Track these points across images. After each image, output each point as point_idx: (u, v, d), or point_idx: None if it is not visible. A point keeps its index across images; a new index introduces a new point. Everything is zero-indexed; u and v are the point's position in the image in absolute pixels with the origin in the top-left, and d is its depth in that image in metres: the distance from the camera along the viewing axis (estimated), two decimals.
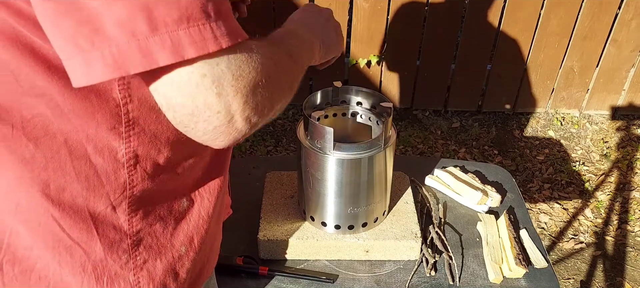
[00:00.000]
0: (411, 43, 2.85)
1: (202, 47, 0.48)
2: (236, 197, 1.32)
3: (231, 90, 0.51)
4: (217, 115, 0.52)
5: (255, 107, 0.55)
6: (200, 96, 0.50)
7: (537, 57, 2.91)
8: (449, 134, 2.96)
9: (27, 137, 0.57)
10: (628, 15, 2.77)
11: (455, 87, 3.02)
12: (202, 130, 0.54)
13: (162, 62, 0.47)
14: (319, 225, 1.14)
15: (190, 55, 0.48)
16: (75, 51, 0.46)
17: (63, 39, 0.46)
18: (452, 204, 1.31)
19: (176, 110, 0.52)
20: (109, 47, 0.46)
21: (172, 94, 0.51)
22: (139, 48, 0.46)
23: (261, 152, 2.74)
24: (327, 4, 2.64)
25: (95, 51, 0.46)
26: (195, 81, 0.49)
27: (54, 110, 0.56)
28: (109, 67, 0.46)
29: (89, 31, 0.46)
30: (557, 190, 2.62)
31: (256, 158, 1.81)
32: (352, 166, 1.03)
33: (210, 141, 0.56)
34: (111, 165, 0.62)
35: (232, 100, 0.52)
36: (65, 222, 0.62)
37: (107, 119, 0.59)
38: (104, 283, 0.66)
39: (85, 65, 0.46)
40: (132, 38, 0.46)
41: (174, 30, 0.47)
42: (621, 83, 3.03)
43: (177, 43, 0.47)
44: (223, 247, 1.17)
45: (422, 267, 1.13)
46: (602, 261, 2.27)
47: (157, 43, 0.46)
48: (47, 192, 0.60)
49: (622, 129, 3.04)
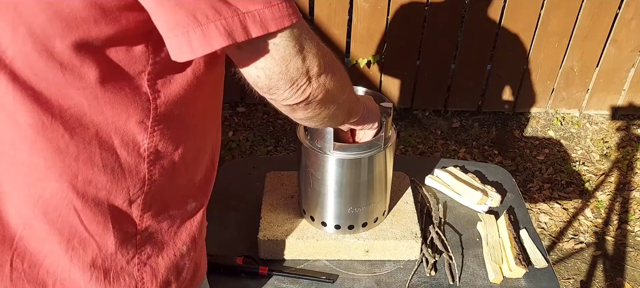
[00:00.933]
0: (411, 43, 2.85)
1: (281, 22, 0.57)
2: (237, 197, 1.32)
3: (311, 54, 0.62)
4: (302, 77, 0.62)
5: (325, 70, 0.65)
6: (292, 62, 0.60)
7: (537, 57, 2.91)
8: (449, 134, 2.96)
9: (64, 127, 0.60)
10: (628, 15, 2.77)
11: (455, 87, 3.02)
12: (289, 91, 0.63)
13: (254, 34, 0.56)
14: (319, 225, 1.14)
15: (273, 29, 0.56)
16: (194, 24, 0.54)
17: (182, 14, 0.53)
18: (452, 204, 1.31)
19: (272, 78, 0.61)
20: (220, 21, 0.54)
21: (271, 65, 0.60)
22: (240, 22, 0.55)
23: (261, 152, 2.74)
24: (327, 4, 2.65)
25: (210, 23, 0.54)
26: (289, 50, 0.59)
27: (90, 101, 0.59)
28: (222, 37, 0.54)
29: (206, 6, 0.53)
30: (557, 190, 2.62)
31: (256, 158, 1.81)
32: (352, 166, 1.03)
33: (289, 99, 0.65)
34: (134, 159, 0.65)
35: (311, 63, 0.63)
36: (85, 215, 0.64)
37: (138, 111, 0.62)
38: (111, 278, 0.68)
39: (203, 35, 0.54)
40: (235, 14, 0.55)
41: (261, 10, 0.56)
42: (621, 83, 3.03)
43: (264, 19, 0.56)
44: (223, 247, 1.17)
45: (422, 267, 1.13)
46: (602, 261, 2.27)
47: (250, 19, 0.55)
48: (75, 182, 0.62)
49: (622, 129, 3.04)
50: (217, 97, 0.78)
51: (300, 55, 0.61)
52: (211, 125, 0.78)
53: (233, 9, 0.54)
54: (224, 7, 0.54)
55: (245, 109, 3.05)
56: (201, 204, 0.79)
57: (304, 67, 0.62)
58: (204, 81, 0.69)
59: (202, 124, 0.74)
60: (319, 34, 3.21)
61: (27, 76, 0.57)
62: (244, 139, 2.83)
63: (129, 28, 0.57)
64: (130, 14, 0.56)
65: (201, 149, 0.75)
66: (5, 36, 0.55)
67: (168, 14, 0.54)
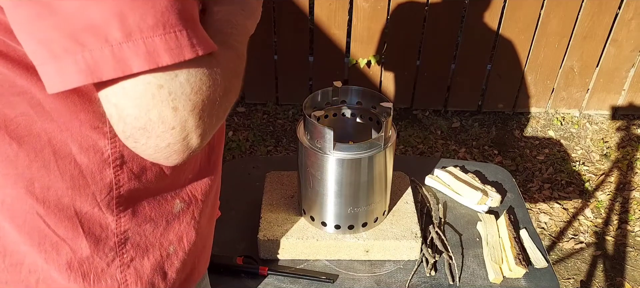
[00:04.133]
0: (411, 43, 2.85)
1: (178, 55, 0.46)
2: (236, 197, 1.32)
3: (189, 105, 0.48)
4: (171, 132, 0.49)
5: (211, 123, 0.52)
6: (154, 109, 0.47)
7: (537, 57, 2.91)
8: (449, 134, 2.96)
9: (10, 136, 0.57)
10: (628, 15, 2.77)
11: (455, 87, 3.02)
12: (154, 146, 0.51)
13: (136, 69, 0.45)
14: (319, 225, 1.14)
15: (166, 63, 0.46)
16: (48, 57, 0.45)
17: (36, 44, 0.45)
18: (452, 204, 1.31)
19: (127, 123, 0.49)
20: (82, 53, 0.44)
21: (125, 104, 0.48)
22: (113, 54, 0.45)
23: (261, 152, 2.74)
24: (327, 4, 2.65)
25: (68, 57, 0.45)
26: (151, 92, 0.47)
27: (36, 109, 0.56)
28: (82, 73, 0.45)
29: (62, 36, 0.44)
30: (557, 190, 2.62)
31: (256, 159, 1.81)
32: (352, 166, 1.03)
33: (163, 159, 0.53)
34: (97, 165, 0.61)
35: (188, 116, 0.49)
36: (51, 220, 0.62)
37: (90, 118, 0.58)
38: (91, 281, 0.66)
39: (58, 71, 0.45)
40: (105, 44, 0.44)
41: (149, 37, 0.45)
42: (621, 83, 3.03)
43: (152, 50, 0.45)
44: (223, 247, 1.17)
45: (422, 267, 1.13)
46: (602, 261, 2.27)
47: (131, 49, 0.45)
48: (32, 189, 0.60)
49: (622, 129, 3.04)
50: None
51: (168, 103, 0.48)
52: None
53: (102, 38, 0.45)
54: (88, 37, 0.45)
55: (245, 109, 3.05)
56: (189, 204, 0.76)
57: (174, 120, 0.49)
58: None
59: None
60: (319, 34, 3.19)
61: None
62: (244, 139, 2.83)
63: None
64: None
65: None
66: None
67: (25, 38, 0.46)
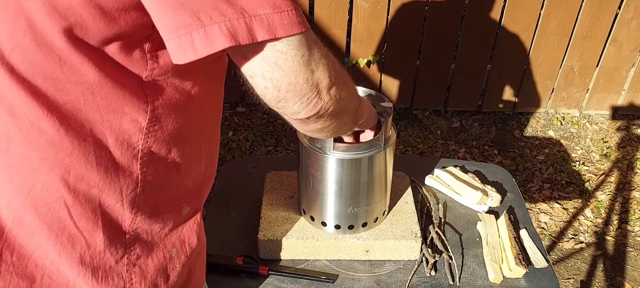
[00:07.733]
0: (411, 43, 2.85)
1: (290, 29, 0.56)
2: (236, 197, 1.32)
3: (321, 66, 0.60)
4: (312, 90, 0.61)
5: (335, 82, 0.63)
6: (301, 73, 0.59)
7: (537, 57, 2.91)
8: (449, 134, 2.96)
9: (59, 121, 0.60)
10: (628, 15, 2.77)
11: (455, 87, 3.02)
12: (299, 105, 0.62)
13: (260, 38, 0.55)
14: (319, 225, 1.14)
15: (281, 35, 0.55)
16: (197, 24, 0.53)
17: (185, 15, 0.53)
18: (452, 204, 1.31)
19: (281, 89, 0.59)
20: (224, 22, 0.53)
21: (279, 76, 0.58)
22: (245, 24, 0.54)
23: (261, 152, 2.74)
24: (327, 4, 2.65)
25: (214, 24, 0.53)
26: (297, 61, 0.58)
27: (87, 98, 0.59)
28: (226, 37, 0.53)
29: (209, 8, 0.53)
30: (557, 190, 2.62)
31: (256, 159, 1.81)
32: (352, 166, 1.03)
33: (297, 112, 0.63)
34: (127, 160, 0.65)
35: (321, 75, 0.61)
36: (76, 210, 0.64)
37: (134, 111, 0.62)
38: (99, 277, 0.67)
39: (206, 36, 0.53)
40: (240, 16, 0.54)
41: (269, 14, 0.55)
42: (621, 83, 3.03)
43: (272, 24, 0.55)
44: (223, 247, 1.17)
45: (422, 267, 1.13)
46: (602, 261, 2.27)
47: (256, 22, 0.54)
48: (67, 177, 0.62)
49: (622, 129, 3.04)
50: (215, 107, 0.78)
51: (309, 66, 0.59)
52: (208, 132, 0.78)
53: (239, 11, 0.53)
54: (229, 9, 0.53)
55: (245, 109, 3.05)
56: (195, 209, 0.78)
57: (313, 80, 0.60)
58: (202, 89, 0.69)
59: (197, 130, 0.74)
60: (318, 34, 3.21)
61: (25, 69, 0.57)
62: (244, 138, 2.83)
63: (128, 29, 0.57)
64: (130, 16, 0.56)
65: (196, 154, 0.75)
66: (4, 28, 0.55)
67: (171, 15, 0.53)
